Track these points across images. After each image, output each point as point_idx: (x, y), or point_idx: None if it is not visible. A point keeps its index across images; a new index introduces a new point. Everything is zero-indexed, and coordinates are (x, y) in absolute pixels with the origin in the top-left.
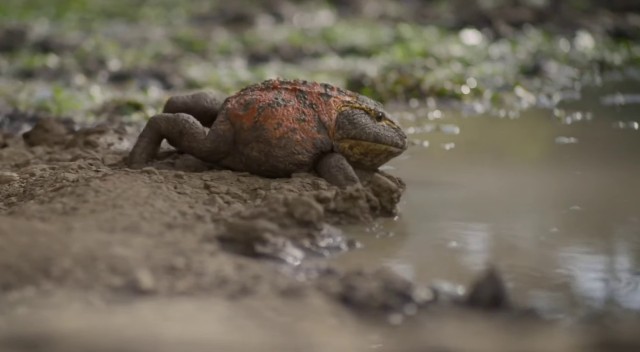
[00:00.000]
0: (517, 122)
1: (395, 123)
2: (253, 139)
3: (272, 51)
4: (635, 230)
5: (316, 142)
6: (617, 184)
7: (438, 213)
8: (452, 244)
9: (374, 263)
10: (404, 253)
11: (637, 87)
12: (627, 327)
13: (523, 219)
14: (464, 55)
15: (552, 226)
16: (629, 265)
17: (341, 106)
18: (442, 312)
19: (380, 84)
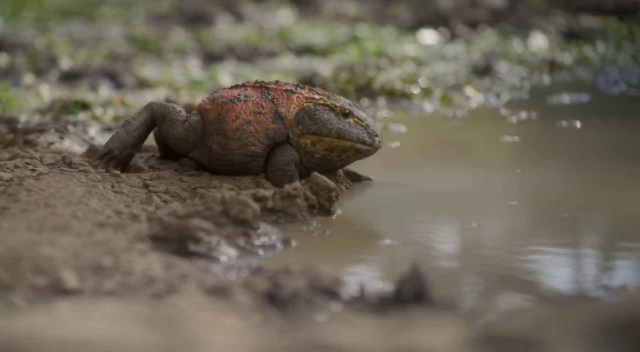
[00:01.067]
0: (464, 121)
1: (366, 121)
2: (214, 131)
3: (227, 50)
4: (566, 225)
5: (269, 132)
6: (554, 181)
7: (377, 211)
8: (386, 242)
9: (307, 261)
10: (338, 251)
11: (584, 86)
12: (508, 323)
13: (460, 215)
14: (418, 55)
15: (485, 221)
16: (556, 260)
17: (304, 102)
18: (366, 308)
19: (332, 83)
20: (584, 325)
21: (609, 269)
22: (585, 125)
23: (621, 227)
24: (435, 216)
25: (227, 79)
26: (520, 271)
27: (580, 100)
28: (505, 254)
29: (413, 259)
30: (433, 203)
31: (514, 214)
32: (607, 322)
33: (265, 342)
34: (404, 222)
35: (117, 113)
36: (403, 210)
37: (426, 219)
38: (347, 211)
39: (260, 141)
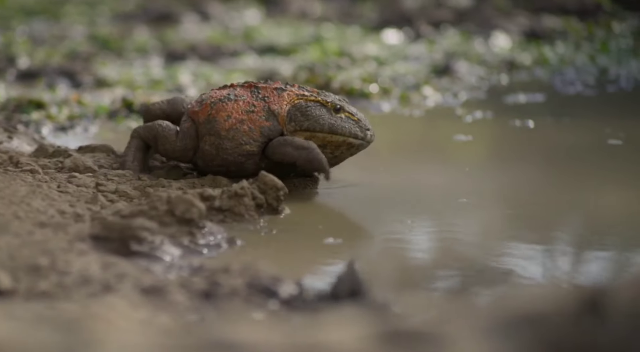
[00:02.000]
0: (420, 121)
1: (357, 115)
2: (206, 132)
3: (189, 50)
4: (508, 223)
5: (264, 130)
6: (503, 179)
7: (325, 210)
8: (330, 241)
9: (250, 260)
10: (282, 250)
11: (541, 86)
12: (416, 318)
13: (406, 213)
14: (380, 55)
15: (433, 218)
16: (495, 255)
17: (295, 99)
18: (304, 306)
19: (290, 82)
20: (487, 319)
21: (540, 265)
22: (538, 125)
23: (563, 224)
24: (381, 214)
25: (186, 78)
26: (458, 268)
27: (535, 100)
28: (445, 252)
29: (350, 258)
30: (380, 202)
31: (463, 212)
32: (509, 317)
33: (168, 341)
34: (349, 221)
35: (72, 112)
36: (350, 209)
37: (372, 218)
38: (295, 210)
39: (255, 139)
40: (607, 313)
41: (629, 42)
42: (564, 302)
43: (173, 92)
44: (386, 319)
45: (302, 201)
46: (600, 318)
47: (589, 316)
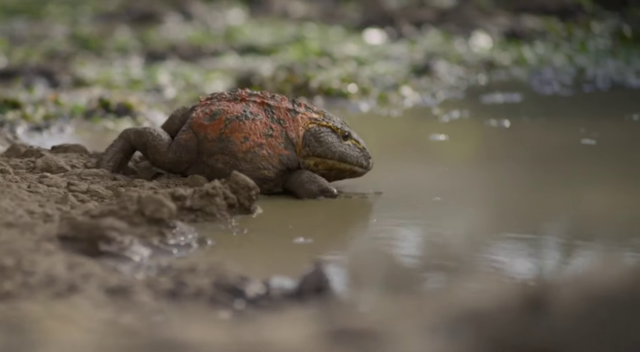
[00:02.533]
0: (397, 120)
1: (361, 143)
2: (218, 151)
3: (170, 50)
4: (479, 222)
5: (283, 158)
6: (476, 178)
7: (297, 210)
8: (300, 240)
9: (219, 260)
10: (253, 249)
11: (519, 86)
12: (362, 316)
13: (379, 213)
14: (360, 55)
15: (405, 217)
16: (465, 254)
17: (308, 123)
18: (271, 305)
19: (269, 82)
20: (434, 317)
21: (505, 264)
22: (513, 125)
23: (533, 222)
24: (354, 213)
25: (165, 78)
26: (426, 266)
27: (512, 100)
28: (416, 250)
29: (315, 256)
30: (354, 201)
31: (436, 210)
32: (455, 314)
33: (114, 340)
34: (321, 221)
35: (48, 112)
36: (323, 208)
37: (344, 217)
38: (268, 210)
39: (274, 166)
40: (548, 310)
41: (607, 43)
42: (508, 299)
43: (151, 92)
44: (336, 318)
45: (275, 200)
46: (543, 315)
47: (531, 312)
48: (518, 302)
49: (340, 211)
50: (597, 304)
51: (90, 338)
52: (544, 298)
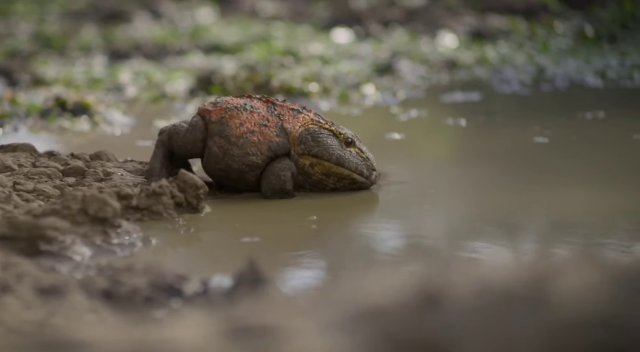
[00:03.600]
0: (356, 119)
1: (366, 154)
2: (217, 133)
3: (134, 48)
4: (422, 219)
5: (272, 144)
6: (428, 175)
7: (247, 209)
8: (246, 239)
9: (159, 258)
10: (197, 248)
11: (479, 85)
12: (261, 313)
13: (322, 212)
14: (325, 54)
15: (345, 215)
16: (399, 249)
17: (309, 122)
18: (205, 303)
19: (231, 81)
20: (335, 313)
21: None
22: (470, 123)
23: (473, 220)
24: (299, 212)
25: (126, 77)
26: (360, 264)
27: (471, 98)
28: (348, 248)
29: (250, 255)
30: (302, 200)
31: (381, 208)
32: (355, 311)
33: (5, 340)
34: (269, 219)
35: (4, 111)
36: (270, 207)
37: (289, 216)
38: (216, 209)
39: (262, 152)
40: (445, 307)
41: (569, 42)
42: (405, 295)
43: (112, 90)
44: (240, 315)
45: (224, 199)
46: (439, 311)
47: (427, 307)
48: (415, 297)
49: (288, 209)
50: (491, 298)
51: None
52: (440, 293)
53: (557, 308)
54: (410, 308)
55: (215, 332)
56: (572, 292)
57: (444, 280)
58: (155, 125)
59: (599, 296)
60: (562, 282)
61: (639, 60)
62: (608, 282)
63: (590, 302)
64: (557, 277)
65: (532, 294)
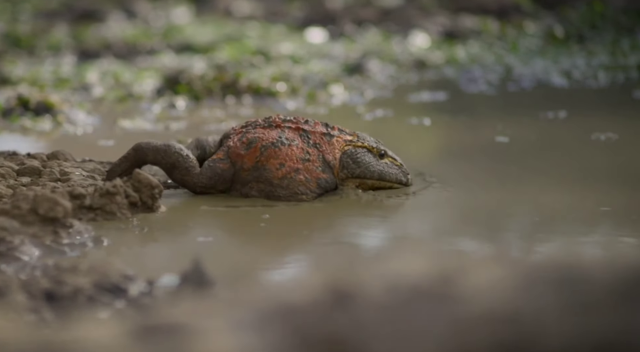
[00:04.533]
0: (321, 119)
1: (398, 160)
2: (253, 179)
3: (104, 48)
4: (369, 216)
5: (320, 182)
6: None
7: (203, 208)
8: (200, 239)
9: (111, 258)
10: (149, 248)
11: (447, 85)
12: (171, 312)
13: (276, 210)
14: (296, 54)
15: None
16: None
17: (344, 145)
18: (151, 303)
19: (198, 81)
20: (247, 311)
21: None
22: (434, 122)
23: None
24: (255, 211)
25: (94, 76)
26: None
27: (438, 98)
28: (291, 248)
29: (196, 255)
30: (256, 199)
31: (335, 209)
32: (267, 309)
33: None
34: (223, 219)
35: None
36: (228, 207)
37: (246, 216)
38: (172, 208)
39: (312, 190)
40: (355, 304)
41: (538, 43)
42: (315, 293)
43: (78, 90)
44: (150, 313)
45: (181, 199)
46: (349, 309)
47: (337, 306)
48: (326, 295)
49: (243, 209)
50: (400, 295)
51: None
52: (350, 290)
53: (463, 304)
54: (321, 306)
55: (123, 332)
56: (478, 288)
57: (354, 277)
58: (119, 124)
59: (504, 291)
60: (470, 278)
61: (606, 61)
62: (514, 278)
63: (495, 297)
64: (466, 274)
65: (440, 290)
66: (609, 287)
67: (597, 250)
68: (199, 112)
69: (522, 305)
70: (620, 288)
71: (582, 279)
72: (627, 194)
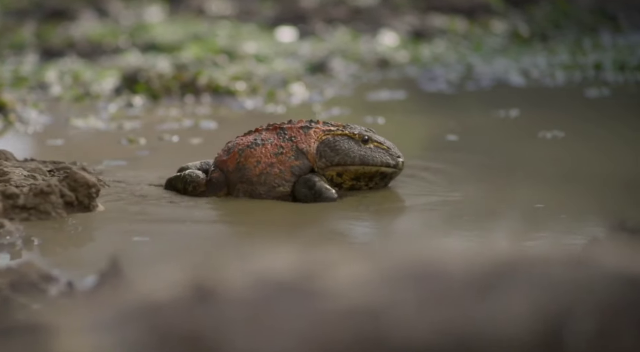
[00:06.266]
0: (277, 117)
1: (385, 144)
2: (237, 180)
3: (68, 47)
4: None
5: (294, 169)
6: None
7: (143, 208)
8: (136, 239)
9: (38, 258)
10: (80, 247)
11: (408, 84)
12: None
13: (229, 210)
14: (261, 53)
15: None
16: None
17: (322, 135)
18: (71, 303)
19: (156, 80)
20: (107, 311)
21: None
22: (388, 121)
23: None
24: (195, 211)
25: (53, 75)
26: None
27: (396, 97)
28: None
29: (114, 254)
30: (198, 199)
31: (276, 208)
32: (128, 308)
33: None
34: (161, 219)
35: None
36: (166, 206)
37: (186, 215)
38: (110, 208)
39: (287, 180)
40: (218, 301)
41: (503, 42)
42: (177, 290)
43: (35, 89)
44: (7, 315)
45: (120, 198)
46: (211, 306)
47: (199, 303)
48: (188, 292)
49: (181, 208)
50: (263, 291)
51: None
52: (210, 288)
53: (325, 299)
54: (182, 303)
55: None
56: (342, 283)
57: (218, 274)
58: (72, 124)
59: (367, 286)
60: (335, 274)
61: (566, 59)
62: (379, 273)
63: (358, 292)
64: (331, 269)
65: (304, 286)
66: (465, 280)
67: (493, 245)
68: (155, 111)
69: (382, 300)
70: (476, 281)
71: (440, 273)
72: (564, 192)
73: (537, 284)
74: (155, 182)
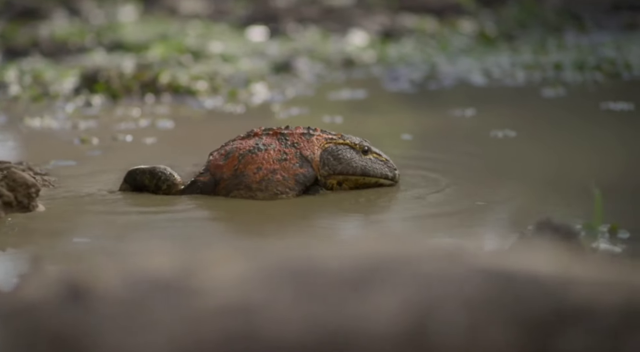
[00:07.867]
0: (236, 117)
1: (383, 156)
2: (233, 188)
3: (32, 46)
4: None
5: (298, 177)
6: None
7: (87, 208)
8: (76, 239)
9: None
10: (17, 249)
11: (371, 83)
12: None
13: (178, 209)
14: (225, 52)
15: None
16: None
17: (324, 143)
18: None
19: (116, 79)
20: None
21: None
22: (345, 120)
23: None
24: (145, 209)
25: (13, 75)
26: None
27: (357, 96)
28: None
29: (36, 254)
30: (149, 197)
31: (227, 204)
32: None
33: None
34: (104, 219)
35: None
36: (107, 205)
37: (129, 213)
38: (53, 208)
39: (290, 188)
40: (90, 299)
41: (469, 41)
42: (50, 290)
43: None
44: None
45: (65, 198)
46: (83, 304)
47: (71, 302)
48: (59, 291)
49: (126, 207)
50: (137, 289)
51: None
52: (83, 287)
53: (199, 296)
54: (52, 302)
55: None
56: (217, 281)
57: (92, 272)
58: (26, 124)
59: (242, 284)
60: (213, 271)
61: (529, 59)
62: (256, 271)
63: (232, 290)
64: (210, 267)
65: (179, 283)
66: (340, 277)
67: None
68: (114, 111)
69: (256, 296)
70: (350, 277)
71: (316, 270)
72: (508, 191)
73: (409, 281)
74: (105, 183)
